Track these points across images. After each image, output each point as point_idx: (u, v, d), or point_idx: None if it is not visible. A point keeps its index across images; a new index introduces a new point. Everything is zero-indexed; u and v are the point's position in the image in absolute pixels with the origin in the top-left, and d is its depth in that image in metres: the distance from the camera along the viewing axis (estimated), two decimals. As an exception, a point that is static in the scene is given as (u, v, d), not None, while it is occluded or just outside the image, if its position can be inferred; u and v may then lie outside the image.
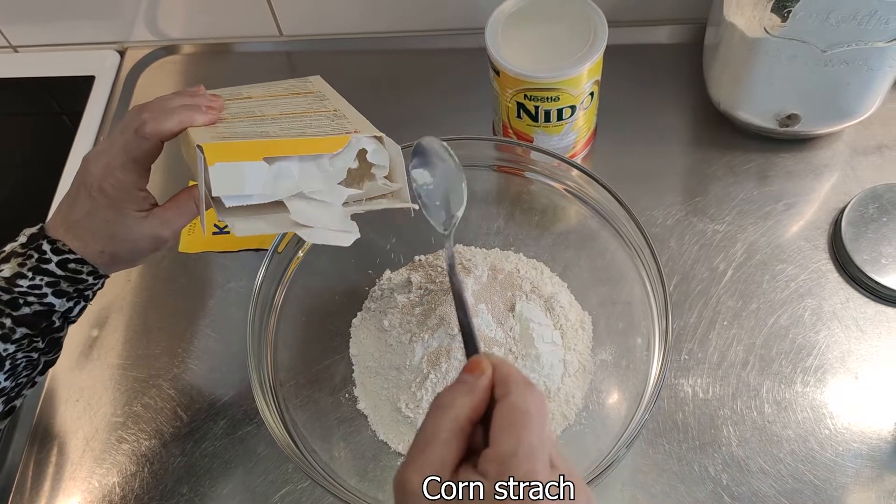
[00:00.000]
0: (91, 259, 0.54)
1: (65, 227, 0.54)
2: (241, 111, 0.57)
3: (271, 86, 0.63)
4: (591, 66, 0.68)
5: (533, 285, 0.69)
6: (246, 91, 0.61)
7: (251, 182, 0.49)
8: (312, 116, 0.56)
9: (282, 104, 0.58)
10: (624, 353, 0.67)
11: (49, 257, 0.53)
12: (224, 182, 0.48)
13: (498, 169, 0.72)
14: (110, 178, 0.52)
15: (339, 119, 0.56)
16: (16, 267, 0.52)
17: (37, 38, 0.99)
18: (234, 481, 0.67)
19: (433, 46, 0.93)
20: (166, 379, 0.73)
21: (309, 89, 0.62)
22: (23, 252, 0.53)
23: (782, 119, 0.76)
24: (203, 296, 0.77)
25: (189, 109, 0.53)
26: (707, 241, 0.75)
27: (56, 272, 0.53)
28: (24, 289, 0.52)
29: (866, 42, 0.66)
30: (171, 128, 0.52)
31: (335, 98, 0.60)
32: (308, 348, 0.69)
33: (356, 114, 0.57)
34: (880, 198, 0.73)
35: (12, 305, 0.52)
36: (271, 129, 0.53)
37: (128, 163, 0.52)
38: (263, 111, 0.57)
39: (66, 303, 0.54)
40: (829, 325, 0.70)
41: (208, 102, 0.55)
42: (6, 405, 0.55)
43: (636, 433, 0.57)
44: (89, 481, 0.69)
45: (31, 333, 0.53)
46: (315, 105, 0.58)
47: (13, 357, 0.53)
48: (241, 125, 0.54)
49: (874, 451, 0.64)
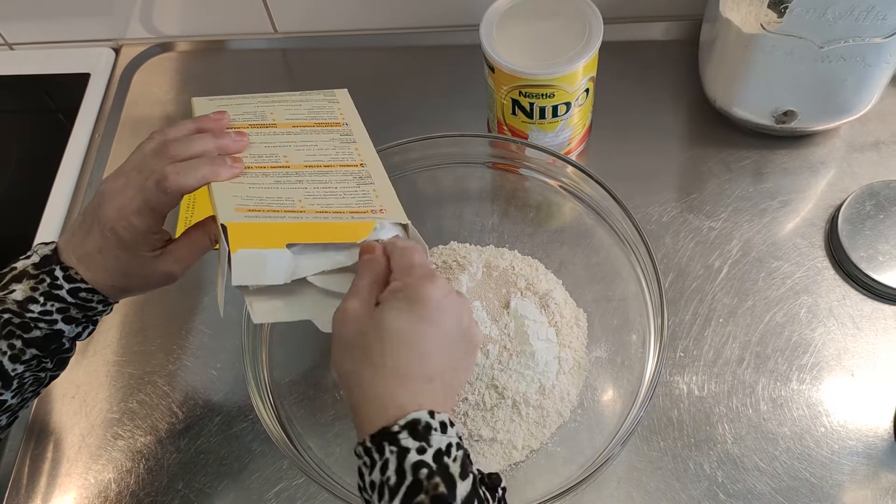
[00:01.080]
0: (102, 290, 0.54)
1: (77, 257, 0.53)
2: (265, 153, 0.55)
3: (296, 103, 0.60)
4: (586, 63, 0.68)
5: (528, 282, 0.69)
6: (270, 112, 0.59)
7: (272, 270, 0.49)
8: (338, 175, 0.55)
9: (307, 145, 0.57)
10: (619, 350, 0.67)
11: (61, 284, 0.52)
12: (245, 271, 0.48)
13: (493, 166, 0.72)
14: (124, 223, 0.51)
15: (364, 184, 0.54)
16: (28, 290, 0.52)
17: (32, 36, 0.99)
18: (229, 478, 0.67)
19: (428, 43, 0.93)
20: (162, 376, 0.73)
21: (335, 118, 0.60)
22: (35, 274, 0.52)
23: (778, 116, 0.76)
24: (198, 293, 0.77)
25: (214, 164, 0.52)
26: (702, 238, 0.75)
27: (67, 299, 0.53)
28: (35, 314, 0.52)
29: (863, 38, 0.66)
30: (194, 184, 0.51)
31: (361, 136, 0.58)
32: (303, 345, 0.69)
33: (381, 172, 0.56)
34: (877, 195, 0.73)
35: (23, 328, 0.52)
36: (296, 193, 0.52)
37: (144, 210, 0.51)
38: (288, 156, 0.55)
39: (76, 328, 0.55)
40: (825, 323, 0.70)
41: (234, 146, 0.54)
42: (9, 419, 0.55)
43: (631, 431, 0.57)
44: (85, 477, 0.69)
45: (41, 355, 0.53)
46: (342, 151, 0.57)
47: (21, 376, 0.53)
48: (266, 181, 0.53)
49: (870, 448, 0.64)
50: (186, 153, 0.52)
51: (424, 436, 0.42)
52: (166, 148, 0.52)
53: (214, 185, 0.51)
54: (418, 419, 0.42)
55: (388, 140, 0.67)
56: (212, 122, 0.55)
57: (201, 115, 0.56)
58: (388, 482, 0.41)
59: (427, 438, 0.42)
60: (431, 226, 0.75)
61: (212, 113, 0.56)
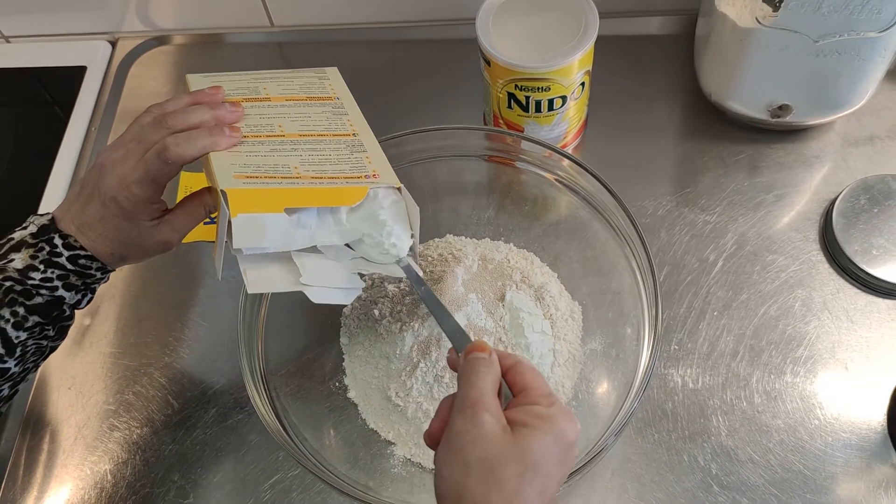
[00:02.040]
0: (101, 257, 0.55)
1: (76, 226, 0.54)
2: (260, 123, 0.56)
3: (288, 79, 0.62)
4: (581, 57, 0.68)
5: (523, 275, 0.69)
6: (263, 86, 0.60)
7: (271, 234, 0.50)
8: (332, 144, 0.56)
9: (301, 116, 0.58)
10: (614, 342, 0.67)
11: (60, 251, 0.53)
12: (246, 234, 0.49)
13: (489, 159, 0.72)
14: (125, 192, 0.52)
15: (357, 151, 0.56)
16: (28, 259, 0.53)
17: (29, 29, 0.99)
18: (225, 469, 0.67)
19: (424, 37, 0.93)
20: (158, 367, 0.73)
21: (327, 92, 0.61)
22: (34, 243, 0.53)
23: (774, 110, 0.76)
24: (194, 285, 0.78)
25: (212, 134, 0.53)
26: (697, 232, 0.75)
27: (66, 266, 0.54)
28: (36, 281, 0.53)
29: (858, 32, 0.66)
30: (194, 154, 0.52)
31: (353, 109, 0.60)
32: (298, 337, 0.70)
33: (373, 141, 0.57)
34: (871, 189, 0.73)
35: (25, 295, 0.52)
36: (292, 161, 0.53)
37: (145, 180, 0.52)
38: (283, 125, 0.56)
39: (75, 295, 0.55)
40: (819, 316, 0.70)
41: (230, 115, 0.55)
42: (11, 389, 0.56)
43: (625, 422, 0.57)
44: (81, 468, 0.69)
45: (43, 322, 0.54)
46: (334, 122, 0.58)
47: (24, 344, 0.53)
48: (262, 149, 0.54)
49: (864, 441, 0.65)
50: (184, 124, 0.53)
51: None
52: (164, 119, 0.53)
53: (212, 154, 0.52)
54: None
55: (384, 133, 0.67)
56: (207, 96, 0.56)
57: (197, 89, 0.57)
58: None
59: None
60: (428, 218, 0.74)
61: (207, 88, 0.57)
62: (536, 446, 0.43)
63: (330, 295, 0.54)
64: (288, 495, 0.66)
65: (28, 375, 0.57)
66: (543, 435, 0.43)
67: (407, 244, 0.55)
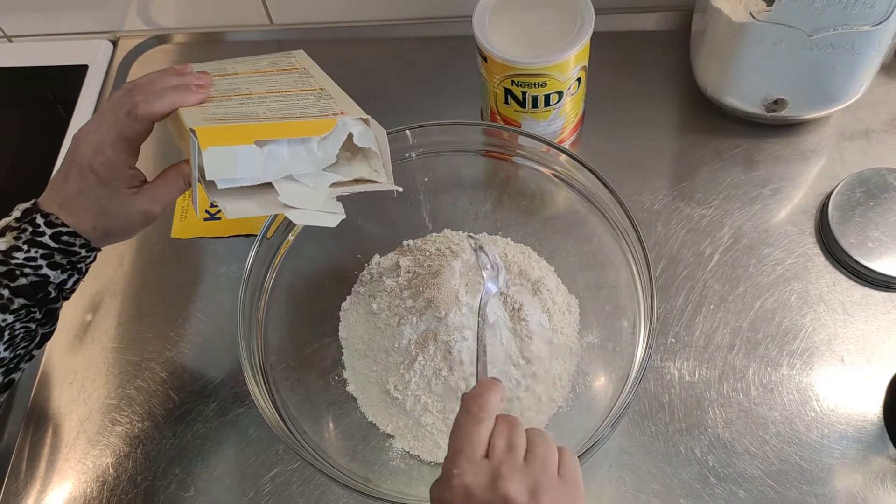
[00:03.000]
0: (84, 233, 0.55)
1: (58, 203, 0.55)
2: (228, 88, 0.57)
3: (255, 60, 0.63)
4: (577, 52, 0.68)
5: (520, 269, 0.70)
6: (231, 67, 0.61)
7: (243, 165, 0.50)
8: (299, 95, 0.57)
9: (268, 81, 0.59)
10: (610, 335, 0.68)
11: (43, 230, 0.54)
12: (217, 166, 0.49)
13: (486, 154, 0.72)
14: (100, 157, 0.53)
15: (324, 99, 0.56)
16: (11, 240, 0.54)
17: (31, 28, 0.99)
18: (226, 462, 0.68)
19: (422, 34, 0.93)
20: (159, 362, 0.74)
21: (293, 65, 0.63)
22: (17, 226, 0.54)
23: (769, 104, 0.76)
24: (195, 281, 0.78)
25: (179, 90, 0.54)
26: (694, 226, 0.76)
27: (50, 244, 0.54)
28: (20, 261, 0.53)
29: (852, 26, 0.67)
30: (163, 109, 0.53)
31: (320, 75, 0.61)
32: (298, 331, 0.70)
33: (341, 93, 0.58)
34: (867, 182, 0.74)
35: (9, 276, 0.53)
36: (260, 109, 0.54)
37: (118, 142, 0.53)
38: (251, 88, 0.57)
39: (61, 275, 0.56)
40: (815, 309, 0.71)
41: (197, 81, 0.55)
42: (5, 377, 0.56)
43: (621, 413, 0.57)
44: (83, 462, 0.69)
45: (29, 304, 0.54)
46: (300, 83, 0.59)
47: (12, 327, 0.54)
48: (230, 104, 0.55)
49: (860, 433, 0.65)
50: (153, 89, 0.54)
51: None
52: (133, 87, 0.54)
53: (182, 110, 0.53)
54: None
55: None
56: (177, 68, 0.57)
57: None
58: None
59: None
60: (425, 213, 0.75)
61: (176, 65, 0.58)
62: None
63: (312, 217, 0.54)
64: (288, 488, 0.66)
65: (21, 363, 0.57)
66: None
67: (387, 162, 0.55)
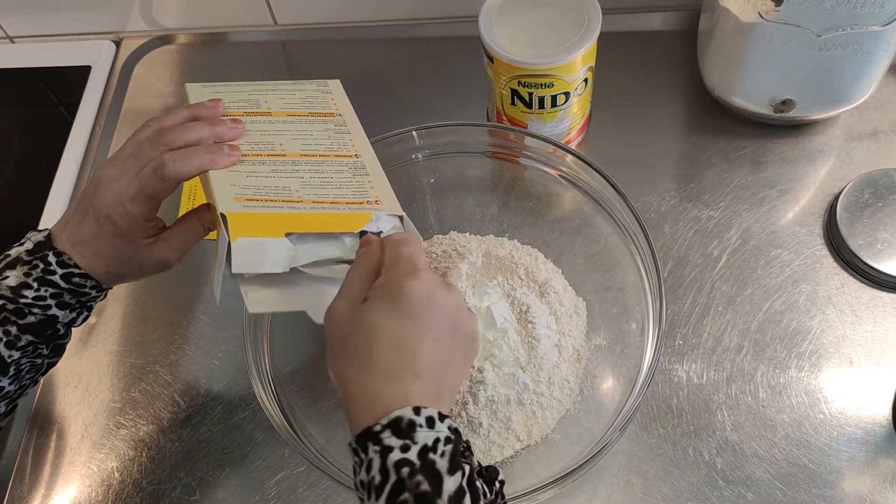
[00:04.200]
0: (96, 276, 0.54)
1: (71, 243, 0.53)
2: (261, 140, 0.55)
3: (290, 93, 0.61)
4: (584, 53, 0.68)
5: (527, 271, 0.69)
6: (264, 100, 0.59)
7: (272, 258, 0.49)
8: (334, 165, 0.55)
9: (302, 135, 0.57)
10: (618, 338, 0.67)
11: (54, 269, 0.52)
12: (245, 259, 0.48)
13: (492, 155, 0.72)
14: (120, 210, 0.51)
15: (360, 174, 0.55)
16: (21, 276, 0.52)
17: (33, 29, 0.99)
18: (231, 466, 0.68)
19: (427, 35, 0.93)
20: (163, 365, 0.73)
21: (329, 108, 0.60)
22: (28, 260, 0.52)
23: (777, 105, 0.76)
24: (199, 283, 0.78)
25: (211, 152, 0.52)
26: (701, 227, 0.75)
27: (60, 284, 0.53)
28: (29, 300, 0.52)
29: (861, 26, 0.66)
30: (191, 172, 0.51)
31: (355, 128, 0.59)
32: (304, 334, 0.70)
33: (376, 164, 0.56)
34: (875, 183, 0.73)
35: (18, 314, 0.52)
36: (293, 182, 0.52)
37: (139, 197, 0.51)
38: (284, 144, 0.56)
39: (70, 314, 0.55)
40: (823, 311, 0.70)
41: (230, 134, 0.54)
42: (8, 406, 0.55)
43: (629, 417, 0.57)
44: (88, 466, 0.69)
45: (36, 341, 0.53)
46: (335, 143, 0.57)
47: (17, 363, 0.53)
48: (263, 170, 0.53)
49: (869, 435, 0.65)
50: (182, 141, 0.52)
51: (408, 433, 0.41)
52: (162, 136, 0.52)
53: (212, 173, 0.52)
54: (401, 416, 0.42)
55: (388, 130, 0.68)
56: (207, 110, 0.55)
57: (196, 102, 0.56)
58: (373, 481, 0.41)
59: (411, 435, 0.41)
60: (431, 215, 0.75)
61: (206, 101, 0.56)
62: (371, 313, 0.45)
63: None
64: (294, 492, 0.66)
65: (26, 391, 0.56)
66: (378, 301, 0.45)
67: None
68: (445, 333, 0.46)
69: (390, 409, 0.42)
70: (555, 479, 0.55)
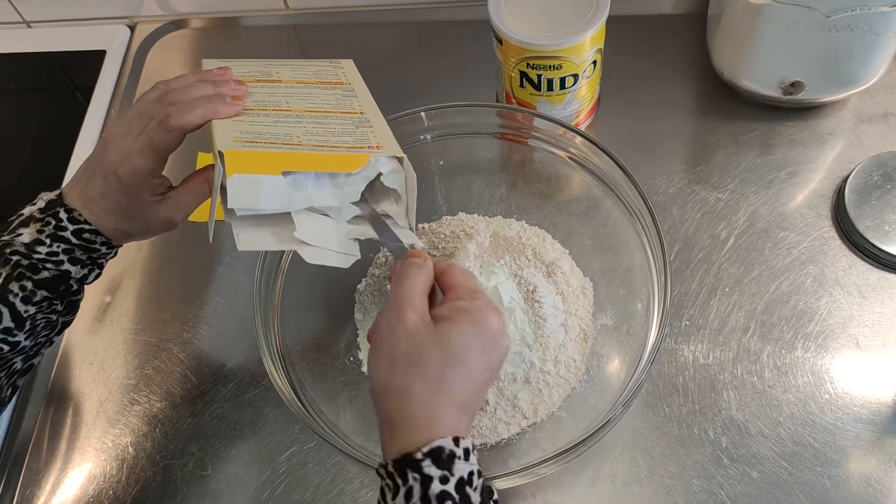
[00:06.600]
0: (105, 232, 0.55)
1: (81, 201, 0.55)
2: (267, 100, 0.56)
3: (302, 66, 0.62)
4: (593, 35, 0.68)
5: (534, 251, 0.70)
6: (276, 71, 0.60)
7: (267, 196, 0.49)
8: (338, 119, 0.55)
9: (309, 97, 0.58)
10: (624, 318, 0.68)
11: (65, 225, 0.54)
12: (241, 195, 0.49)
13: (501, 136, 0.72)
14: (126, 165, 0.52)
15: (363, 126, 0.55)
16: (34, 233, 0.54)
17: (49, 14, 1.00)
18: (242, 442, 0.69)
19: (438, 18, 0.93)
20: (177, 343, 0.75)
21: (339, 79, 0.61)
22: (41, 218, 0.54)
23: (786, 87, 0.76)
24: (212, 263, 0.79)
25: (213, 101, 0.53)
26: (709, 209, 0.76)
27: (71, 240, 0.54)
28: (42, 255, 0.53)
29: (870, 7, 0.66)
30: (195, 121, 0.52)
31: (364, 94, 0.59)
32: (314, 313, 0.71)
33: (381, 121, 0.57)
34: (885, 165, 0.73)
35: (32, 270, 0.53)
36: (295, 131, 0.53)
37: (147, 151, 0.52)
38: (290, 103, 0.56)
39: (81, 270, 0.56)
40: (830, 292, 0.70)
41: (233, 92, 0.55)
42: (25, 363, 0.57)
43: (633, 392, 0.57)
44: (103, 441, 0.70)
45: (51, 296, 0.55)
46: (342, 102, 0.58)
47: (33, 318, 0.54)
48: (266, 121, 0.54)
49: (875, 415, 0.65)
50: (187, 98, 0.53)
51: (448, 464, 0.42)
52: (167, 95, 0.53)
53: (215, 122, 0.52)
54: (442, 447, 0.42)
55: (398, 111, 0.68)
56: (214, 75, 0.56)
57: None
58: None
59: (450, 467, 0.42)
60: (440, 196, 0.75)
61: (215, 69, 0.57)
62: (456, 336, 0.45)
63: (325, 257, 0.53)
64: (304, 467, 0.67)
65: (41, 350, 0.58)
66: (464, 325, 0.46)
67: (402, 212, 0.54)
68: (494, 370, 0.48)
69: (438, 436, 0.43)
70: (559, 453, 0.55)
